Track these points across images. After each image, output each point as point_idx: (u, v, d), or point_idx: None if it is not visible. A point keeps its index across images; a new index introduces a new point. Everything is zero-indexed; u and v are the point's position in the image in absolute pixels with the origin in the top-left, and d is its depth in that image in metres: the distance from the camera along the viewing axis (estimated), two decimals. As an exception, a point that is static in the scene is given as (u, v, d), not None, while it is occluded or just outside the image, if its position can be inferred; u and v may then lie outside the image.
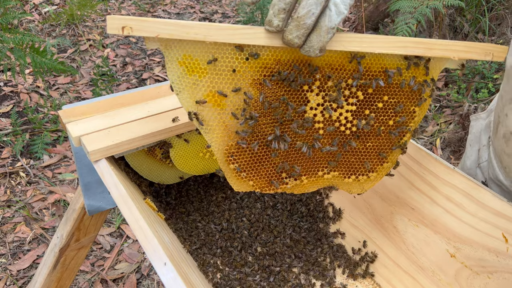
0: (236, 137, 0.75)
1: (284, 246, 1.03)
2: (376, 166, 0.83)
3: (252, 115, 0.74)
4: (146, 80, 3.03)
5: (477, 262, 0.85)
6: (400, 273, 0.96)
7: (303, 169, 0.80)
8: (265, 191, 0.80)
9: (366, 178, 0.83)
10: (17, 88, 2.79)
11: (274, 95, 0.74)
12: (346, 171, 0.83)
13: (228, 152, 0.76)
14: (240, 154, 0.77)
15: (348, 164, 0.82)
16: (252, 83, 0.73)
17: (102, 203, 1.04)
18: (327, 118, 0.77)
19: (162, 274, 0.66)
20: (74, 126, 0.89)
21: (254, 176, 0.79)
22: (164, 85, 1.07)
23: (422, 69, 0.77)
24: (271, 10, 0.64)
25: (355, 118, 0.78)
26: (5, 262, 1.85)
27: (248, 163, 0.78)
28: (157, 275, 1.82)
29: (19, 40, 2.01)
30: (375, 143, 0.81)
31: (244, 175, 0.78)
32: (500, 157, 0.87)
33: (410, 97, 0.79)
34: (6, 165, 2.26)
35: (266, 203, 1.14)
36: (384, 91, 0.77)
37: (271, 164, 0.79)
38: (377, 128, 0.79)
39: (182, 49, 0.69)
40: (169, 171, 1.09)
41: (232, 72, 0.72)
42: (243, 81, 0.72)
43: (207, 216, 1.09)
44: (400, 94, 0.78)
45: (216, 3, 4.17)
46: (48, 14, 3.53)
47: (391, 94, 0.78)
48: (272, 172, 0.80)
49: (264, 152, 0.78)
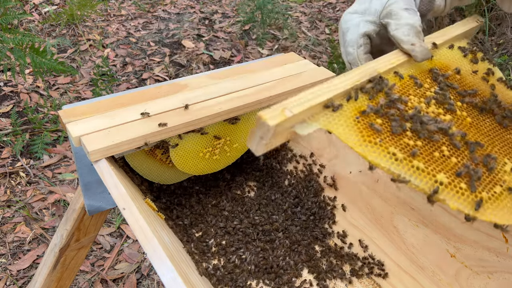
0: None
1: (283, 245, 1.03)
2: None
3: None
4: (146, 80, 3.02)
5: (477, 262, 0.85)
6: (400, 273, 0.96)
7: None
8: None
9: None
10: (17, 88, 2.79)
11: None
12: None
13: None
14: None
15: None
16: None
17: (102, 203, 1.03)
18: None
19: (162, 274, 0.66)
20: (74, 126, 0.89)
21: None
22: (164, 85, 1.07)
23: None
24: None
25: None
26: (5, 262, 1.85)
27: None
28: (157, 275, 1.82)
29: (19, 40, 2.01)
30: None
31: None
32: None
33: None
34: (6, 165, 2.26)
35: (267, 203, 1.14)
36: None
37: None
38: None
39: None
40: (169, 171, 1.09)
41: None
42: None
43: (207, 216, 1.09)
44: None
45: (216, 3, 4.17)
46: (48, 14, 3.53)
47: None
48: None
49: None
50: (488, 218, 0.55)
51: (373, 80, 0.63)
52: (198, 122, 0.96)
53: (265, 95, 1.05)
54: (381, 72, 0.65)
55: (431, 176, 0.55)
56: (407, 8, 0.69)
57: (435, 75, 0.70)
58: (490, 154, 0.61)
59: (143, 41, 3.45)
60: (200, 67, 3.23)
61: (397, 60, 0.68)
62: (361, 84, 0.62)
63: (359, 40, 0.72)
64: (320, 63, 3.36)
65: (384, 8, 0.71)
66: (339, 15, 4.15)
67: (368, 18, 0.72)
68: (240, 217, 1.09)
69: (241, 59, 3.37)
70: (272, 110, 0.53)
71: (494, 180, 0.59)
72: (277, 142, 0.54)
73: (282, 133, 0.54)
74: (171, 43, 3.46)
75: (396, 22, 0.68)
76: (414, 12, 0.69)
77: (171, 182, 1.12)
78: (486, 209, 0.55)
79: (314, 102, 0.55)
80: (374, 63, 0.67)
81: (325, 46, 3.64)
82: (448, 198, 0.54)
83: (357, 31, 0.72)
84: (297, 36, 3.74)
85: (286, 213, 1.11)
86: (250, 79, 1.12)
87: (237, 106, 1.00)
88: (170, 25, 3.70)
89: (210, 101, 1.01)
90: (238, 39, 3.60)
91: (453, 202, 0.54)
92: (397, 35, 0.68)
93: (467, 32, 0.84)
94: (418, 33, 0.68)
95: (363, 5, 0.74)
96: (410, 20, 0.68)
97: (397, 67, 0.68)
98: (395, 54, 0.70)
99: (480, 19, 0.87)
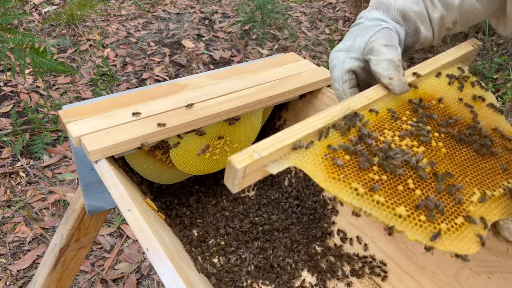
0: None
1: (283, 244, 1.03)
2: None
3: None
4: (146, 80, 3.03)
5: (477, 262, 0.85)
6: (400, 273, 0.96)
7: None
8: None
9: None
10: (17, 88, 2.79)
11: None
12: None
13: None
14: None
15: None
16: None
17: (102, 203, 1.03)
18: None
19: (162, 274, 0.66)
20: (74, 126, 0.89)
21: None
22: (164, 85, 1.07)
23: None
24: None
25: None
26: (5, 262, 1.85)
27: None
28: (157, 275, 1.82)
29: (19, 40, 2.01)
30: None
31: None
32: None
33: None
34: (6, 165, 2.26)
35: (267, 202, 1.14)
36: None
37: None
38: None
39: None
40: (169, 171, 1.09)
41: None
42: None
43: (207, 216, 1.09)
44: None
45: (216, 3, 4.17)
46: (48, 14, 3.53)
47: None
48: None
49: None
50: (446, 248, 0.57)
51: (346, 117, 0.66)
52: (198, 122, 0.96)
53: (265, 95, 1.05)
54: (355, 109, 0.67)
55: (391, 210, 0.58)
56: (386, 45, 0.72)
57: (414, 107, 0.73)
58: (455, 185, 0.63)
59: (143, 41, 3.45)
60: (200, 67, 3.23)
61: (375, 95, 0.71)
62: (333, 122, 0.65)
63: (344, 76, 0.76)
64: (320, 63, 3.36)
65: (367, 45, 0.75)
66: (339, 15, 4.15)
67: (353, 55, 0.76)
68: (240, 217, 1.09)
69: (241, 59, 3.37)
70: (242, 153, 0.57)
71: (457, 211, 0.61)
72: (252, 180, 0.59)
73: (255, 173, 0.58)
74: (171, 43, 3.46)
75: (376, 58, 0.72)
76: (394, 48, 0.73)
77: (171, 182, 1.12)
78: (445, 240, 0.57)
79: (282, 144, 0.59)
80: (349, 101, 0.69)
81: (325, 46, 3.64)
82: (407, 230, 0.57)
83: (342, 68, 0.76)
84: (297, 36, 3.74)
85: (286, 213, 1.11)
86: (250, 79, 1.12)
87: (237, 106, 1.00)
88: (170, 25, 3.70)
89: (210, 101, 1.01)
90: (238, 39, 3.60)
91: (412, 233, 0.57)
92: (377, 70, 0.71)
93: (462, 57, 0.85)
94: (397, 67, 0.71)
95: (348, 43, 0.78)
96: (389, 55, 0.71)
97: (377, 101, 0.71)
98: (375, 89, 0.72)
99: (477, 43, 0.87)
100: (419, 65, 0.81)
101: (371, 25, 0.77)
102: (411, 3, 0.79)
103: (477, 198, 0.63)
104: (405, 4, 0.79)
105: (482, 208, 0.62)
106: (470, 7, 0.84)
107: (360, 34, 0.77)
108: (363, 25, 0.78)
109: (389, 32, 0.75)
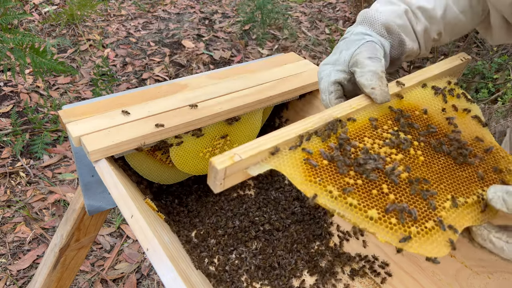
0: None
1: (283, 244, 1.03)
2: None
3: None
4: (146, 80, 3.03)
5: (477, 262, 0.85)
6: (400, 273, 0.96)
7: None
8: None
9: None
10: (17, 88, 2.79)
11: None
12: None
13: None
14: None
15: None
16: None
17: (102, 203, 1.04)
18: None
19: (162, 274, 0.66)
20: (74, 126, 0.89)
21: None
22: (164, 85, 1.07)
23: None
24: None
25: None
26: (5, 262, 1.85)
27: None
28: (157, 275, 1.82)
29: (19, 40, 2.01)
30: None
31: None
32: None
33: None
34: (6, 165, 2.26)
35: (267, 202, 1.14)
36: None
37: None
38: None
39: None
40: (169, 171, 1.09)
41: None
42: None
43: (207, 215, 1.09)
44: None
45: (216, 3, 4.17)
46: (48, 14, 3.53)
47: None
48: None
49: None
50: (416, 251, 0.60)
51: (327, 125, 0.70)
52: (198, 122, 0.96)
53: (265, 95, 1.05)
54: (337, 117, 0.71)
55: (363, 212, 0.61)
56: (370, 57, 0.76)
57: (397, 116, 0.76)
58: (429, 190, 0.66)
59: (143, 41, 3.45)
60: (200, 67, 3.23)
61: (358, 105, 0.74)
62: (315, 129, 0.68)
63: (330, 87, 0.80)
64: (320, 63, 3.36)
65: (351, 58, 0.79)
66: (339, 15, 4.15)
67: (338, 68, 0.80)
68: (240, 216, 1.09)
69: (241, 59, 3.37)
70: (224, 155, 0.60)
71: (429, 215, 0.63)
72: (234, 181, 0.62)
73: (236, 174, 0.61)
74: (171, 43, 3.46)
75: (360, 70, 0.75)
76: (378, 60, 0.76)
77: (171, 182, 1.12)
78: (414, 242, 0.60)
79: (263, 148, 0.62)
80: (332, 109, 0.73)
81: (325, 46, 3.64)
82: (378, 232, 0.60)
83: (328, 80, 0.80)
84: (297, 36, 3.74)
85: (286, 213, 1.11)
86: (250, 79, 1.12)
87: (237, 106, 1.00)
88: (170, 25, 3.70)
89: (210, 101, 1.01)
90: (238, 39, 3.60)
91: (382, 235, 0.60)
92: (361, 81, 0.75)
93: (450, 70, 0.88)
94: (380, 78, 0.74)
95: (334, 56, 0.82)
96: (372, 67, 0.75)
97: (359, 110, 0.74)
98: (358, 99, 0.76)
99: (466, 57, 0.91)
100: (406, 77, 0.84)
101: (356, 39, 0.81)
102: (395, 17, 0.83)
103: (450, 204, 0.65)
104: (389, 18, 0.82)
105: (454, 214, 0.65)
106: (453, 19, 0.88)
107: (345, 48, 0.81)
108: (348, 39, 0.83)
109: (373, 45, 0.79)
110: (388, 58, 0.83)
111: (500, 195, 0.62)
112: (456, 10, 0.88)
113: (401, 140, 0.71)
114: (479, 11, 0.90)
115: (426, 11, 0.86)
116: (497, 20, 0.88)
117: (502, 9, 0.85)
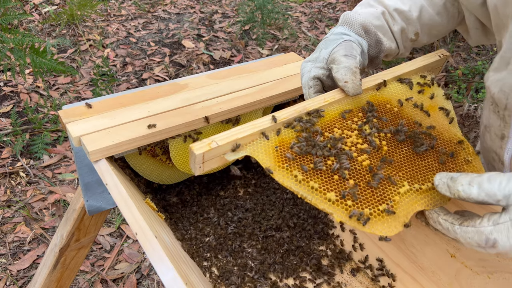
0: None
1: (283, 244, 1.03)
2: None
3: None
4: (146, 80, 3.03)
5: (477, 262, 0.85)
6: (400, 273, 0.96)
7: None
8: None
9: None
10: (17, 88, 2.79)
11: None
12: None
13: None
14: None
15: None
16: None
17: (102, 203, 1.04)
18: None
19: (162, 274, 0.66)
20: (74, 126, 0.89)
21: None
22: (164, 85, 1.07)
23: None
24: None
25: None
26: (5, 262, 1.85)
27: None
28: (157, 275, 1.82)
29: (19, 40, 2.01)
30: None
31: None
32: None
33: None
34: (6, 165, 2.26)
35: (267, 202, 1.14)
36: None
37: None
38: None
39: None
40: (169, 171, 1.09)
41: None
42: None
43: (207, 215, 1.09)
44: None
45: (216, 3, 4.17)
46: (48, 14, 3.53)
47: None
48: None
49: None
50: (368, 230, 0.67)
51: (299, 116, 0.76)
52: (198, 122, 0.96)
53: (266, 95, 1.05)
54: (309, 109, 0.77)
55: (322, 194, 0.68)
56: (346, 55, 0.82)
57: (368, 108, 0.81)
58: (388, 176, 0.72)
59: (143, 41, 3.45)
60: (200, 67, 3.23)
61: (332, 98, 0.80)
62: (288, 120, 0.75)
63: (309, 82, 0.86)
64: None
65: (330, 55, 0.85)
66: (339, 15, 4.15)
67: (318, 65, 0.86)
68: (240, 216, 1.09)
69: (241, 59, 3.37)
70: (202, 142, 0.67)
71: (383, 199, 0.70)
72: (212, 165, 0.69)
73: (214, 159, 0.68)
74: (171, 43, 3.46)
75: (336, 66, 0.81)
76: (353, 57, 0.82)
77: (171, 182, 1.12)
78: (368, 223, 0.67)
79: (238, 136, 0.69)
80: (306, 102, 0.79)
81: (325, 46, 3.64)
82: (335, 212, 0.67)
83: (308, 75, 0.86)
84: (297, 36, 3.74)
85: (286, 213, 1.11)
86: (250, 79, 1.12)
87: (237, 106, 1.00)
88: (170, 25, 3.70)
89: (210, 101, 1.01)
90: (238, 39, 3.60)
91: (338, 215, 0.67)
92: (336, 76, 0.81)
93: (427, 66, 0.92)
94: (353, 73, 0.80)
95: (315, 55, 0.89)
96: (347, 63, 0.81)
97: (333, 103, 0.80)
98: (332, 93, 0.82)
99: (445, 53, 0.94)
100: (383, 72, 0.89)
101: (334, 39, 0.88)
102: (372, 18, 0.90)
103: (404, 190, 0.71)
104: (367, 19, 0.90)
105: (408, 198, 0.71)
106: (429, 20, 0.94)
107: (324, 47, 0.88)
108: (328, 39, 0.89)
109: (350, 44, 0.86)
110: (366, 56, 0.90)
111: (445, 181, 0.66)
112: (431, 11, 0.94)
113: (368, 132, 0.77)
114: (455, 13, 0.95)
115: (402, 13, 0.92)
116: (472, 21, 0.93)
117: (473, 10, 0.90)
